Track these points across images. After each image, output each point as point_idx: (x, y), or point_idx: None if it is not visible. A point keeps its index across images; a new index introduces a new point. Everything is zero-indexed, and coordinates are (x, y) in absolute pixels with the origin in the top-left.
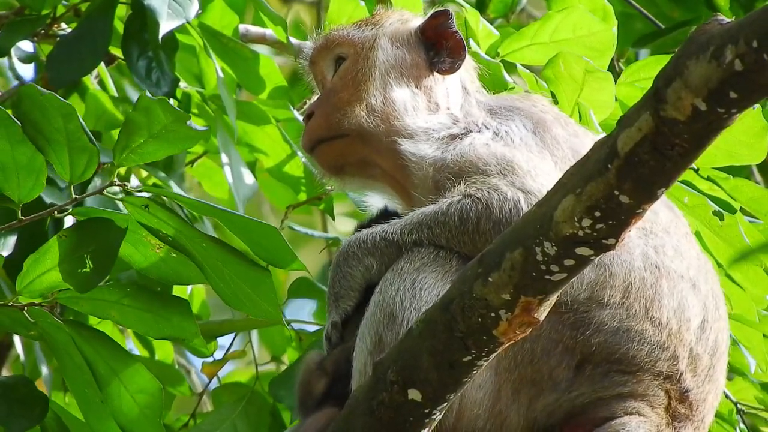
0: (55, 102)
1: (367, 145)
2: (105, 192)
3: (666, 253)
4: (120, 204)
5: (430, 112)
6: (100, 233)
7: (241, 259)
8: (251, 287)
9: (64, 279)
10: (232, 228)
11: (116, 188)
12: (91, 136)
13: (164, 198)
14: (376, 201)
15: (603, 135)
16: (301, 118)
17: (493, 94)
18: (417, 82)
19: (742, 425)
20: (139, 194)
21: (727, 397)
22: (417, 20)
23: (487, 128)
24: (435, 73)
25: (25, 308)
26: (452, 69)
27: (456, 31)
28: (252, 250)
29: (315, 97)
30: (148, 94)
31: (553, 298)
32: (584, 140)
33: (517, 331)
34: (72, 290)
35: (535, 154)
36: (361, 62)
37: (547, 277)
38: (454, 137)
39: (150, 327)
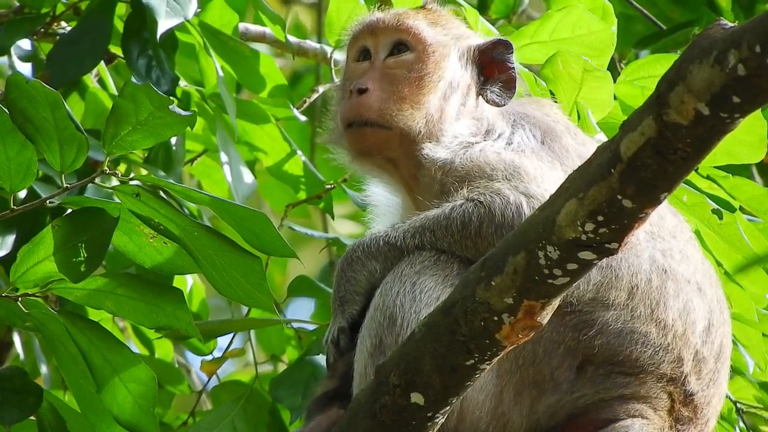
0: (41, 90)
1: (403, 146)
2: (96, 181)
3: (673, 257)
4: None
5: (467, 126)
6: (93, 222)
7: (233, 248)
8: (243, 275)
9: (59, 269)
10: (223, 215)
11: (107, 177)
12: (78, 125)
13: (155, 187)
14: (377, 193)
15: (600, 134)
16: (301, 117)
17: None
18: (470, 103)
19: (741, 424)
20: (130, 183)
21: (726, 396)
22: (475, 38)
23: (501, 136)
24: (480, 97)
25: (20, 299)
26: (499, 105)
27: (513, 67)
28: (243, 238)
29: (363, 69)
30: None
31: (556, 302)
32: (591, 149)
33: (519, 335)
34: (66, 280)
35: (545, 163)
36: (431, 67)
37: (550, 281)
38: (469, 145)
39: (144, 317)
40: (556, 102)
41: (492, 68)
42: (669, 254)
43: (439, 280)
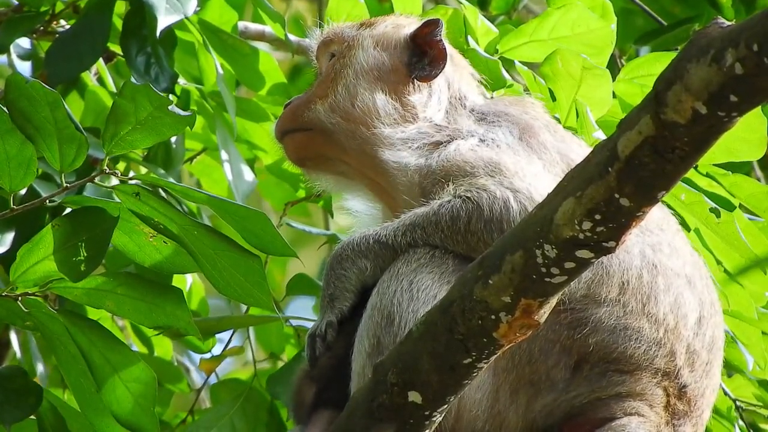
0: (40, 90)
1: (331, 142)
2: (96, 180)
3: (663, 250)
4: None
5: (407, 120)
6: (93, 222)
7: (233, 247)
8: (243, 275)
9: (59, 268)
10: (222, 214)
11: (106, 176)
12: (78, 124)
13: (154, 186)
14: (356, 203)
15: (599, 132)
16: None
17: (492, 92)
18: (393, 88)
19: (740, 422)
20: (130, 182)
21: (725, 394)
22: (412, 27)
23: (472, 135)
24: (415, 81)
25: (20, 298)
26: (429, 77)
27: (440, 41)
28: (243, 237)
29: None
30: None
31: (553, 301)
32: (572, 145)
33: (517, 334)
34: (66, 279)
35: (522, 158)
36: (341, 60)
37: (548, 279)
38: (437, 145)
39: (144, 316)
40: (554, 101)
41: (426, 50)
42: (658, 248)
43: (436, 278)
